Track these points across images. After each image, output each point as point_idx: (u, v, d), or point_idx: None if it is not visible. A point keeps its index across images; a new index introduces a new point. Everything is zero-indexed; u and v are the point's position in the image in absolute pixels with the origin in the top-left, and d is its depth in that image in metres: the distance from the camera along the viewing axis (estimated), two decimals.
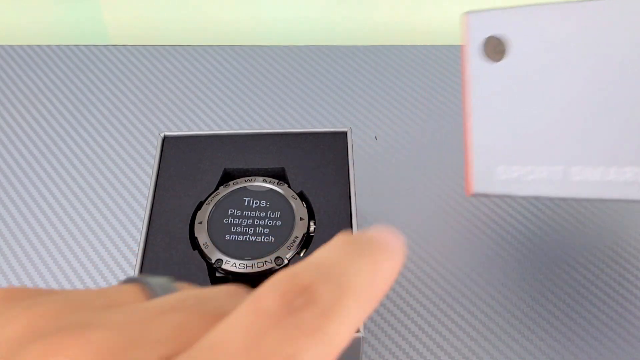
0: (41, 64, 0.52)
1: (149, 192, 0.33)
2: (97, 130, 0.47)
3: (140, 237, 0.31)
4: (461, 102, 0.49)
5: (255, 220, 0.32)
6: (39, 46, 0.54)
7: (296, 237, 0.31)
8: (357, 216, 0.32)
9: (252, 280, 0.30)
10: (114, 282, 0.38)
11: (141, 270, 0.30)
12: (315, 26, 0.58)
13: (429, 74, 0.51)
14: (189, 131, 0.36)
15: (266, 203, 0.32)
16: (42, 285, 0.38)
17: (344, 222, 0.32)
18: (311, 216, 0.32)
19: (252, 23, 0.58)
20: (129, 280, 0.17)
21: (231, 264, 0.30)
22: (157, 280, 0.17)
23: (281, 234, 0.31)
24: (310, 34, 0.58)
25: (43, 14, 0.57)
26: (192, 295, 0.16)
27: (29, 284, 0.38)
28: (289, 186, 0.33)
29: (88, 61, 0.52)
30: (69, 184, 0.43)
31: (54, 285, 0.38)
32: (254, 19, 0.58)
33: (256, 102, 0.49)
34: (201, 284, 0.30)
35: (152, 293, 0.16)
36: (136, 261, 0.30)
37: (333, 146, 0.35)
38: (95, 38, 0.57)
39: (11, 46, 0.54)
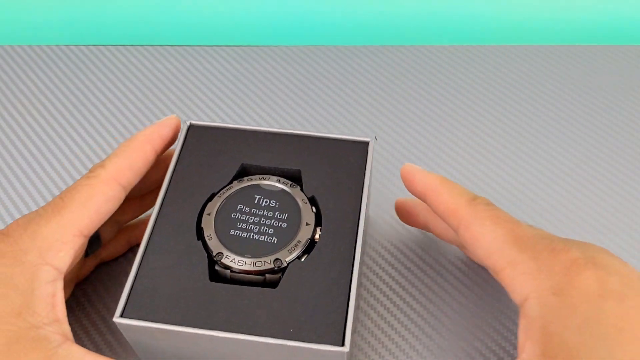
0: (41, 64, 0.52)
1: (164, 178, 0.33)
2: (97, 130, 0.47)
3: (148, 225, 0.31)
4: (465, 104, 0.49)
5: (262, 219, 0.32)
6: (39, 46, 0.54)
7: (299, 242, 0.31)
8: (363, 228, 0.31)
9: (249, 278, 0.30)
10: (118, 272, 0.38)
11: (143, 257, 0.30)
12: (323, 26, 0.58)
13: (429, 74, 0.51)
14: (214, 122, 0.36)
15: (276, 203, 0.32)
16: None
17: (350, 232, 0.31)
18: (318, 222, 0.32)
19: (253, 23, 0.58)
20: None
21: (230, 259, 0.30)
22: None
23: (285, 236, 0.31)
24: (315, 35, 0.58)
25: (43, 13, 0.57)
26: None
27: None
28: (302, 189, 0.33)
29: (88, 61, 0.52)
30: (69, 184, 0.43)
31: None
32: (254, 19, 0.58)
33: (256, 103, 0.49)
34: (199, 275, 0.30)
35: None
36: (139, 247, 0.30)
37: (352, 154, 0.34)
38: (95, 38, 0.57)
39: (11, 46, 0.54)
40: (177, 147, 0.34)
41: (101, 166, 0.31)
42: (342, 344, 0.27)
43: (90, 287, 0.38)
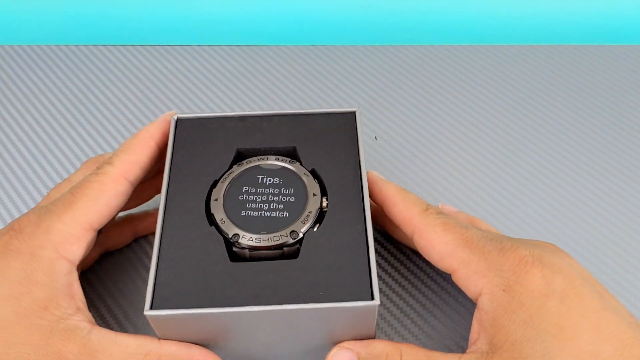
0: (41, 64, 0.52)
1: (164, 173, 0.33)
2: (97, 130, 0.47)
3: (158, 216, 0.32)
4: (464, 104, 0.49)
5: (270, 196, 0.32)
6: (38, 46, 0.54)
7: (310, 212, 0.32)
8: (368, 192, 0.32)
9: (267, 254, 0.31)
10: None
11: (160, 248, 0.31)
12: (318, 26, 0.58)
13: (429, 74, 0.51)
14: (201, 113, 0.35)
15: (279, 180, 0.33)
16: None
17: (356, 197, 0.32)
18: (323, 192, 0.33)
19: (252, 23, 0.58)
20: None
21: (247, 238, 0.31)
22: None
23: (295, 209, 0.32)
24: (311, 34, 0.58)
25: (43, 13, 0.57)
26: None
27: None
28: (301, 164, 0.34)
29: (88, 61, 0.52)
30: None
31: None
32: (254, 19, 0.58)
33: (256, 102, 0.49)
34: (218, 258, 0.30)
35: None
36: (154, 239, 0.31)
37: (342, 126, 0.35)
38: (95, 38, 0.57)
39: (11, 46, 0.54)
40: (169, 142, 0.35)
41: (109, 163, 0.32)
42: (372, 298, 0.28)
43: (97, 279, 0.38)
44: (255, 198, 0.32)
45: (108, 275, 0.38)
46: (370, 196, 0.34)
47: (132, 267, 0.39)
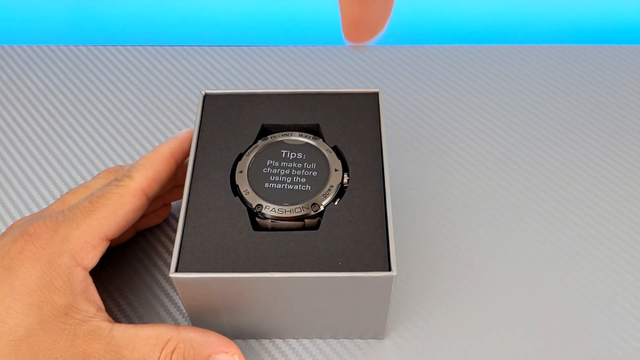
0: (41, 64, 0.52)
1: (191, 145, 0.34)
2: (97, 130, 0.47)
3: (185, 186, 0.33)
4: (465, 104, 0.49)
5: (293, 170, 0.33)
6: (38, 46, 0.54)
7: (331, 186, 0.33)
8: (389, 170, 0.33)
9: (289, 225, 0.32)
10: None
11: (186, 216, 0.31)
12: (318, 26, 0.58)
13: (429, 74, 0.51)
14: (228, 89, 0.37)
15: (302, 155, 0.34)
16: None
17: (376, 175, 0.33)
18: (345, 168, 0.34)
19: (252, 23, 0.58)
20: None
21: (270, 209, 0.32)
22: None
23: (317, 183, 0.33)
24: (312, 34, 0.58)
25: (43, 13, 0.57)
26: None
27: None
28: (324, 141, 0.35)
29: (88, 61, 0.52)
30: (69, 184, 0.43)
31: None
32: (254, 19, 0.58)
33: None
34: (242, 227, 0.31)
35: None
36: (181, 206, 0.32)
37: (365, 105, 0.36)
38: (95, 38, 0.57)
39: (11, 46, 0.54)
40: (196, 116, 0.36)
41: (129, 176, 0.33)
42: (390, 269, 0.29)
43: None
44: (279, 171, 0.33)
45: (113, 269, 0.38)
46: None
47: (136, 259, 0.39)
